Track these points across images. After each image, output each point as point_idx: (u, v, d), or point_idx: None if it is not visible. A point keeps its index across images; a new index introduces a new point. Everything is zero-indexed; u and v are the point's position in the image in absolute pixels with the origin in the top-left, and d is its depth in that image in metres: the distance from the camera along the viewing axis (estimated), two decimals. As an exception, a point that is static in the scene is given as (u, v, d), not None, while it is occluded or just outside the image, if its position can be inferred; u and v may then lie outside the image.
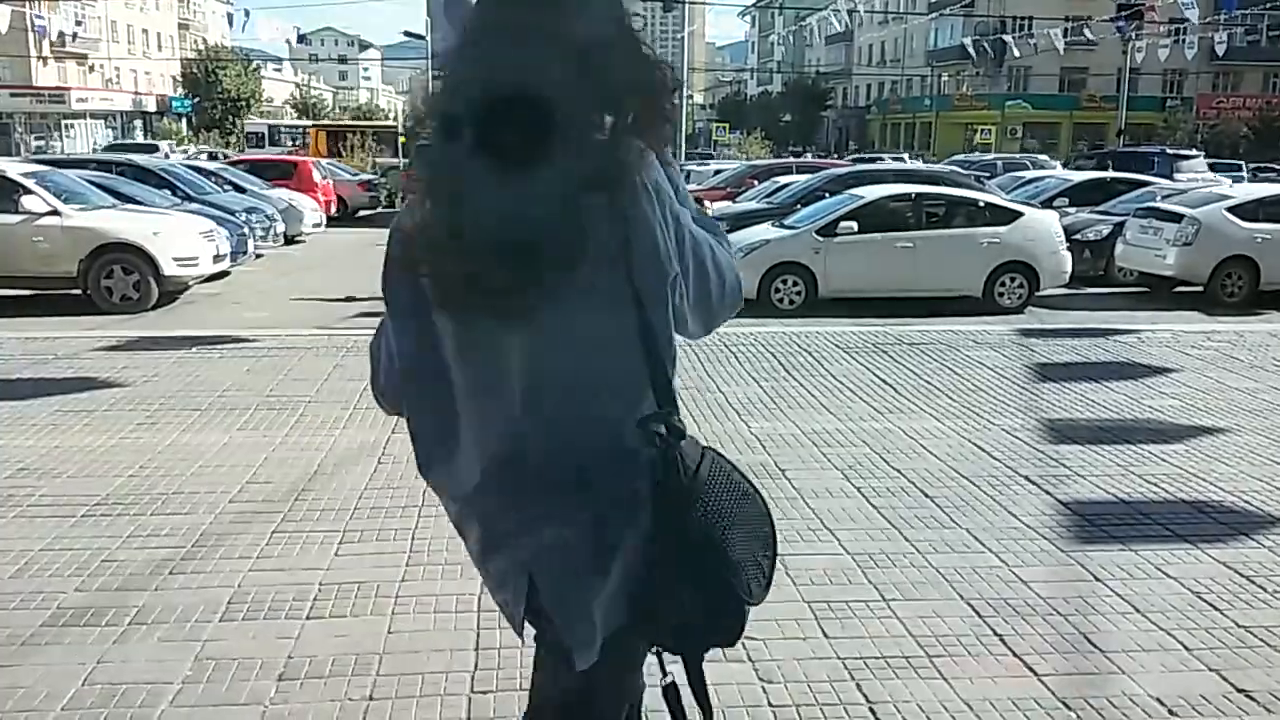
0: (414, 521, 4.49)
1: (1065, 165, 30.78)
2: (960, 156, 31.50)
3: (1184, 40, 38.39)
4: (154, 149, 40.51)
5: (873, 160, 31.17)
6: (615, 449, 1.58)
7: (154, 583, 3.85)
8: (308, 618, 3.59)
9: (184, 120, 62.98)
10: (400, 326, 1.70)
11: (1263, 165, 27.20)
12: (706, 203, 3.59)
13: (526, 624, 1.76)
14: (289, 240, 19.85)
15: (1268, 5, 41.34)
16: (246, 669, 3.23)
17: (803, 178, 18.63)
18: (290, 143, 43.25)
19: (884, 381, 7.37)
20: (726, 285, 1.71)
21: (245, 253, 14.75)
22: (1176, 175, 23.24)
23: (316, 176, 25.11)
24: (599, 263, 1.50)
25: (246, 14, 30.79)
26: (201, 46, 72.73)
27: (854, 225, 12.17)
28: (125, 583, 3.85)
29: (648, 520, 1.60)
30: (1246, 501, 4.93)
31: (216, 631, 3.47)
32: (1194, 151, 29.32)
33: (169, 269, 11.91)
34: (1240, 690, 3.19)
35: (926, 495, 4.93)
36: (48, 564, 4.02)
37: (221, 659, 3.29)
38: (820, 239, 12.23)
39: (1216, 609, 3.75)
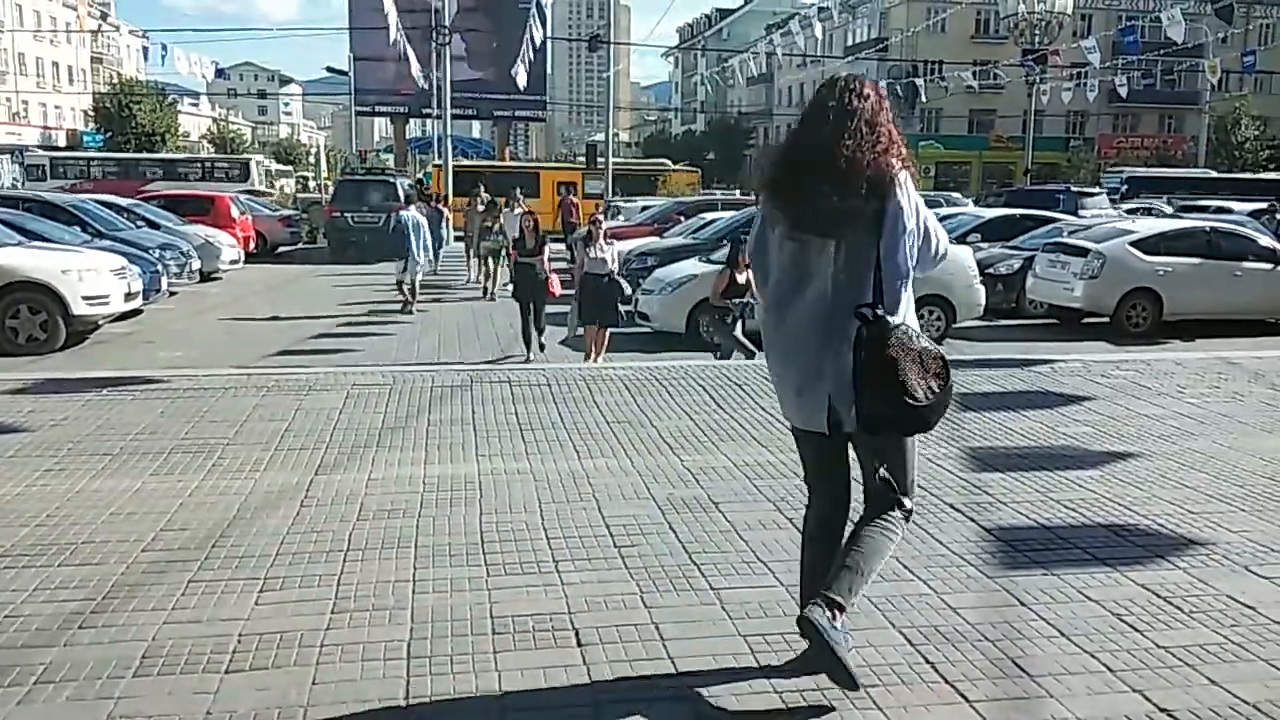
0: (338, 567, 4.39)
1: (976, 202, 31.55)
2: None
3: (1086, 84, 39.73)
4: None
5: None
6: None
7: (62, 638, 3.69)
8: (227, 671, 3.46)
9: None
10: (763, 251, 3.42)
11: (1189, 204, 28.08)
12: None
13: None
14: (205, 277, 19.47)
15: (1161, 52, 43.03)
16: (164, 722, 3.11)
17: (728, 214, 18.84)
18: (79, 176, 39.51)
19: (809, 414, 7.43)
20: (934, 248, 3.29)
21: (159, 290, 14.44)
22: (1081, 211, 23.99)
23: (234, 212, 24.75)
24: (855, 221, 3.15)
25: (164, 48, 30.05)
26: (115, 80, 71.31)
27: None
28: (31, 639, 3.67)
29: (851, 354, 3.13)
30: (1160, 524, 5.06)
31: (130, 688, 3.33)
32: (1098, 189, 30.28)
33: (78, 308, 11.60)
34: (1162, 709, 3.26)
35: (855, 526, 4.97)
36: (-50, 618, 3.84)
37: (135, 717, 3.15)
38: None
39: (1137, 630, 3.83)
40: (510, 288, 13.40)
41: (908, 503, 3.35)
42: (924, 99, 46.81)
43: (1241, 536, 4.88)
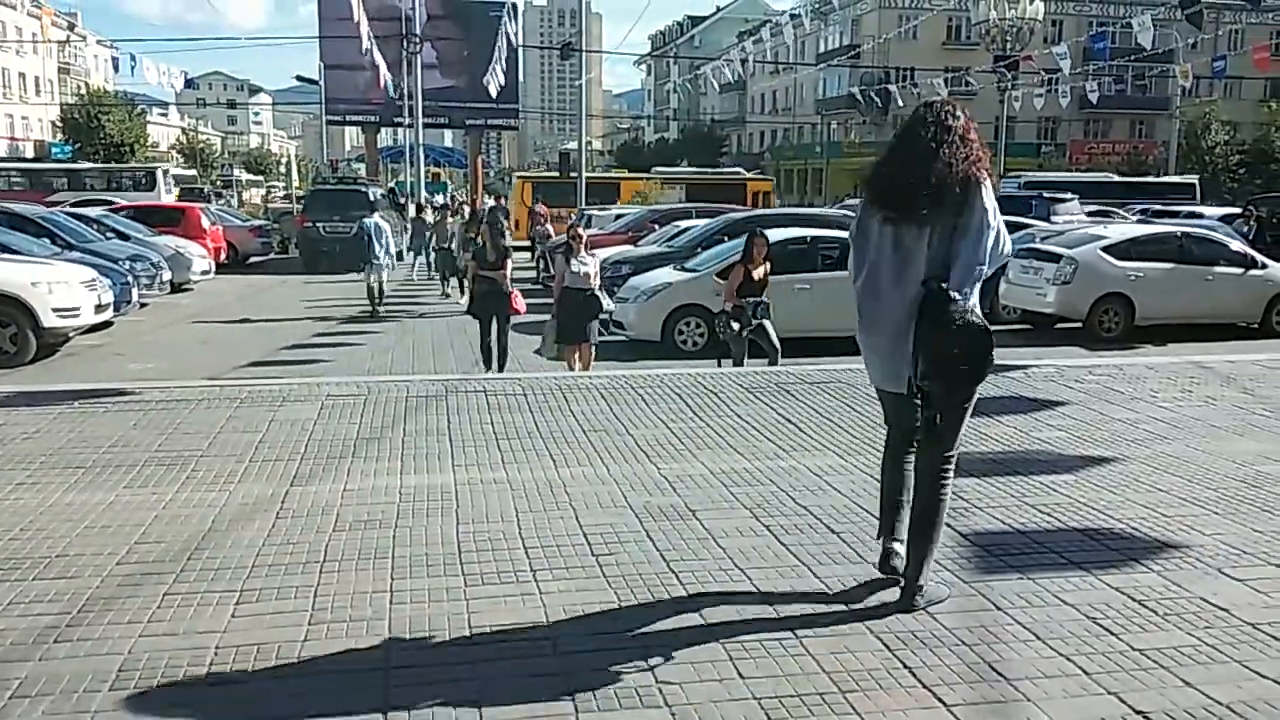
0: (315, 578, 4.37)
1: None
2: (853, 201, 32.25)
3: (1058, 90, 40.14)
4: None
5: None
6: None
7: (37, 653, 3.65)
8: (204, 684, 3.43)
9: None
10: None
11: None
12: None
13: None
14: (176, 288, 19.34)
15: (1132, 57, 43.52)
16: (141, 737, 3.09)
17: (702, 222, 18.90)
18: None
19: (788, 420, 7.46)
20: (1001, 248, 3.98)
21: (129, 302, 14.32)
22: (1054, 217, 24.20)
23: (205, 223, 24.61)
24: (947, 215, 3.86)
25: (133, 58, 29.75)
26: (83, 91, 70.72)
27: (752, 268, 12.35)
28: (6, 653, 3.63)
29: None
30: (1134, 528, 5.11)
31: (107, 701, 3.30)
32: (1069, 195, 30.52)
33: (48, 320, 11.50)
34: (1139, 712, 3.29)
35: (833, 531, 4.99)
36: (-79, 635, 3.79)
37: (113, 728, 3.13)
38: (721, 282, 12.38)
39: (1112, 633, 3.87)
40: (468, 302, 12.42)
41: (954, 458, 4.14)
42: (899, 104, 47.10)
43: (1214, 539, 4.94)
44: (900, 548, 4.16)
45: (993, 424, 7.40)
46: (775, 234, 13.53)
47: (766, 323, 10.55)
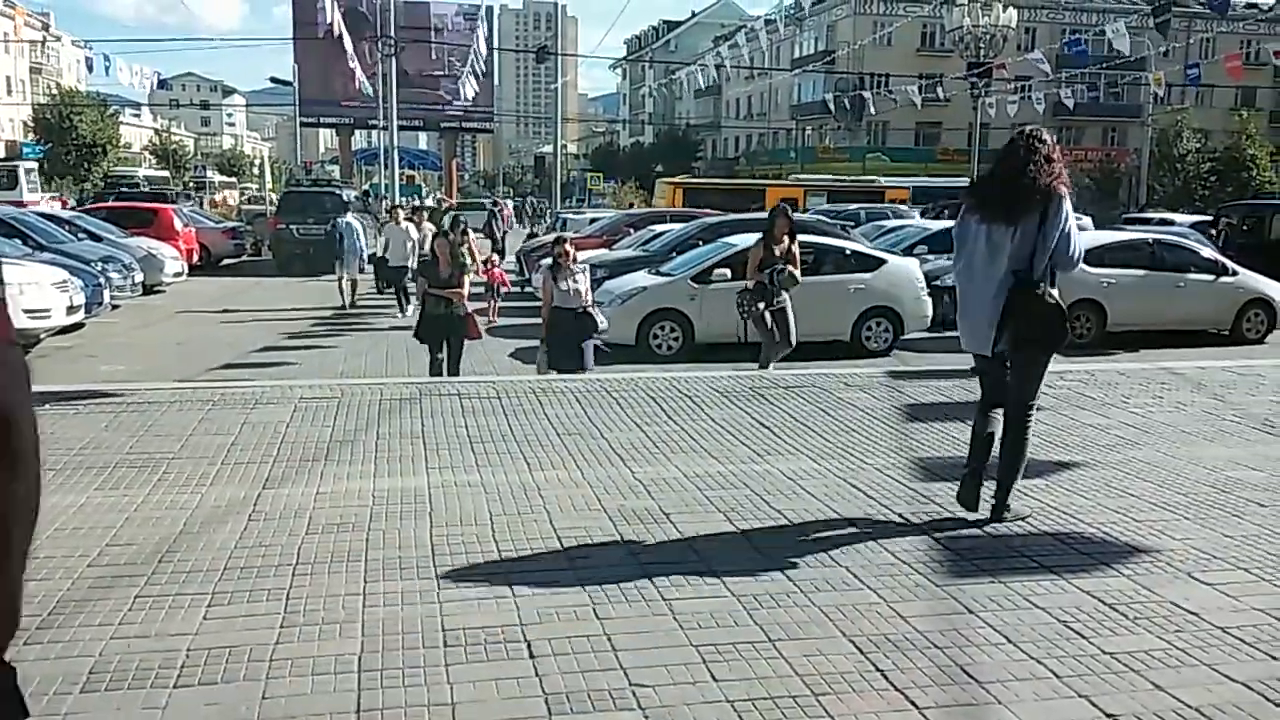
0: (288, 581, 4.34)
1: (924, 215, 31.94)
2: (826, 206, 32.36)
3: (1032, 96, 40.44)
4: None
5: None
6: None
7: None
8: (176, 686, 3.41)
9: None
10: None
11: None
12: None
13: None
14: (148, 290, 19.18)
15: (1104, 65, 43.93)
16: (110, 741, 3.06)
17: (677, 226, 18.92)
18: None
19: (762, 424, 7.48)
20: (1072, 251, 5.01)
21: (101, 303, 14.20)
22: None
23: (178, 224, 24.44)
24: (1031, 219, 4.95)
25: (107, 58, 29.49)
26: (55, 91, 69.99)
27: (728, 273, 12.39)
28: (-26, 655, 3.60)
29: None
30: (1105, 532, 5.16)
31: (78, 704, 3.27)
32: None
33: (19, 321, 11.35)
34: (1109, 715, 3.31)
35: (807, 535, 5.01)
36: (-115, 638, 3.74)
37: (82, 732, 3.10)
38: (696, 286, 12.43)
39: (1083, 637, 3.90)
40: (416, 325, 10.97)
41: (1034, 407, 5.34)
42: (871, 111, 47.35)
43: (1185, 544, 4.99)
44: (979, 478, 5.27)
45: (964, 429, 7.39)
46: (748, 239, 13.60)
47: (788, 305, 10.28)
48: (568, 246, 10.07)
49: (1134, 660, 3.70)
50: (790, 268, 10.27)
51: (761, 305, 10.16)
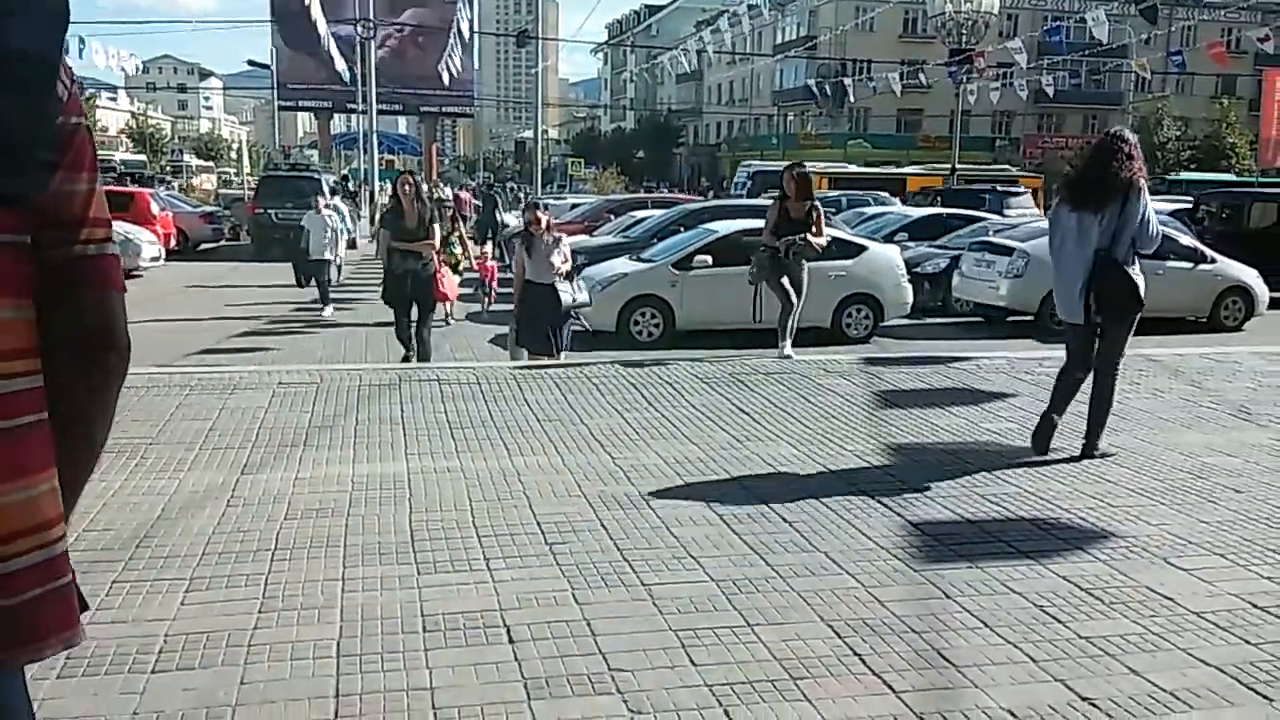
0: (266, 566, 4.32)
1: (904, 202, 31.98)
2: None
3: (1014, 84, 40.54)
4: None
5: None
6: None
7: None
8: (153, 671, 3.39)
9: None
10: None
11: None
12: None
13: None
14: (126, 275, 18.90)
15: (1085, 52, 44.04)
16: (86, 727, 3.04)
17: (658, 213, 18.89)
18: None
19: (742, 410, 7.50)
20: (1151, 232, 6.02)
21: (77, 288, 14.02)
22: (1007, 211, 24.44)
23: (155, 208, 24.19)
24: (1114, 206, 5.99)
25: (82, 41, 29.17)
26: (29, 74, 69.02)
27: (709, 259, 12.39)
28: (-53, 641, 3.57)
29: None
30: (1082, 518, 5.19)
31: (54, 689, 3.25)
32: (1022, 188, 30.86)
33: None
34: (1084, 699, 3.34)
35: (786, 520, 5.03)
36: None
37: (61, 718, 3.08)
38: (676, 272, 12.42)
39: (1059, 621, 3.93)
40: (383, 285, 10.28)
41: (1120, 363, 6.39)
42: (853, 97, 47.33)
43: (1161, 529, 5.03)
44: (1053, 427, 6.36)
45: (944, 415, 7.49)
46: (729, 225, 13.61)
47: (804, 272, 9.83)
48: (539, 214, 9.54)
49: (1109, 644, 3.73)
50: (810, 237, 9.70)
51: (774, 270, 9.77)
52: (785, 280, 9.85)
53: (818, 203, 10.07)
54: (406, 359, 10.11)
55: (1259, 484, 5.85)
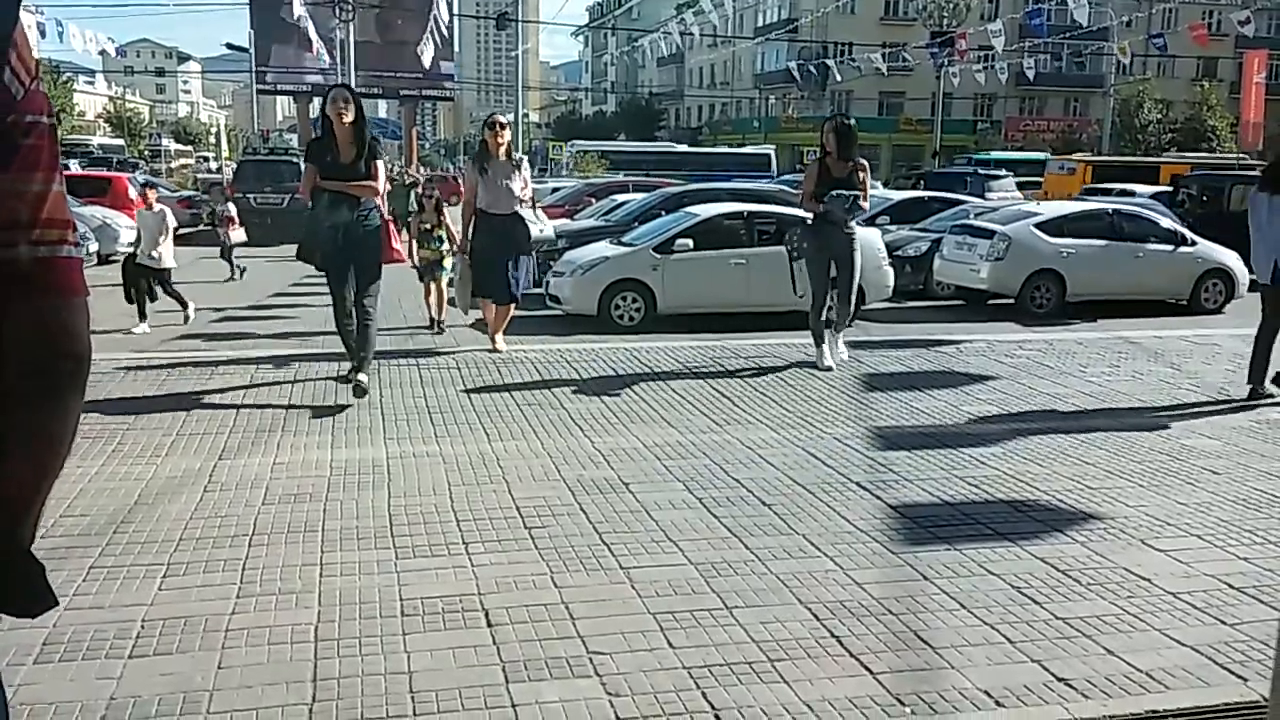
0: (244, 551, 4.31)
1: (885, 185, 32.02)
2: (789, 176, 32.36)
3: (996, 66, 40.62)
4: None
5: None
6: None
7: None
8: (130, 656, 3.38)
9: None
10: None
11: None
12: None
13: None
14: (103, 260, 18.85)
15: (1067, 35, 44.13)
16: (64, 714, 3.02)
17: (639, 196, 18.83)
18: None
19: (722, 394, 7.50)
20: None
21: (54, 273, 13.89)
22: (988, 194, 24.51)
23: (133, 193, 23.96)
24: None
25: (60, 24, 28.85)
26: (4, 57, 68.22)
27: (690, 243, 12.34)
28: (-79, 629, 3.55)
29: None
30: (1060, 500, 5.22)
31: (31, 675, 3.23)
32: (1004, 172, 30.96)
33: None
34: (1060, 679, 3.36)
35: (765, 504, 5.03)
36: None
37: (37, 704, 3.06)
38: (658, 256, 12.36)
39: (1036, 602, 3.95)
40: (301, 241, 7.46)
41: None
42: (836, 79, 47.27)
43: (1138, 511, 5.06)
44: (1264, 371, 7.51)
45: (923, 397, 7.51)
46: (711, 209, 13.57)
47: (855, 248, 8.51)
48: (500, 118, 8.37)
49: (1086, 625, 3.76)
50: (858, 192, 8.35)
51: (825, 252, 8.48)
52: (831, 262, 8.56)
53: (863, 160, 8.68)
54: (352, 371, 7.16)
55: (1237, 465, 5.90)
